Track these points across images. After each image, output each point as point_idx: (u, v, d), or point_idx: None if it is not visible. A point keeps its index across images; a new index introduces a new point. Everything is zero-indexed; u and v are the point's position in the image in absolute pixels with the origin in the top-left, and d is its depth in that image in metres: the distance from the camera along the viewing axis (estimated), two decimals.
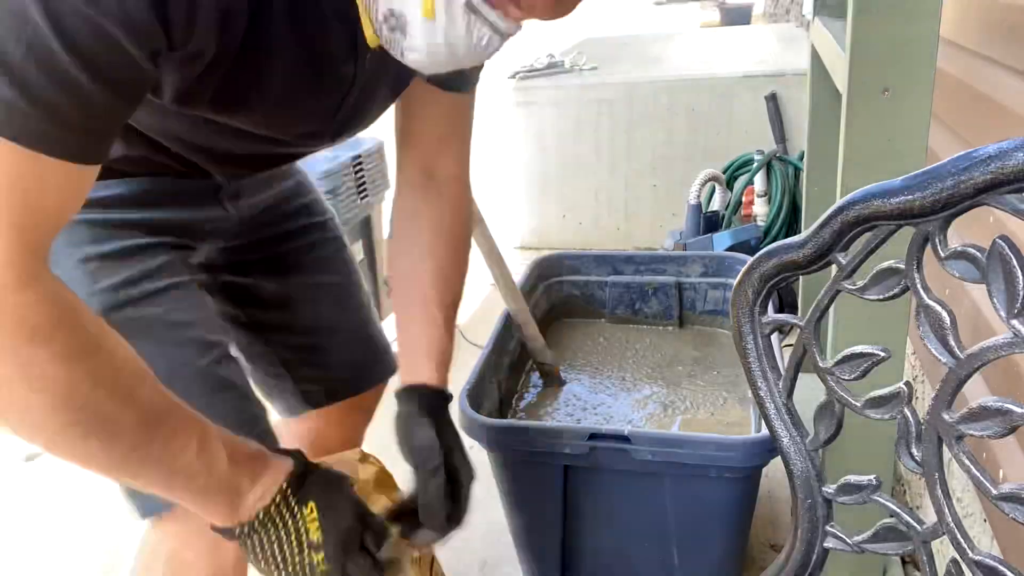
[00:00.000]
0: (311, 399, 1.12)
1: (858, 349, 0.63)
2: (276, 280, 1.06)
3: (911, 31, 0.99)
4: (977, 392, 1.25)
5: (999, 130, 1.22)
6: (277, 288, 1.07)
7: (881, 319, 1.15)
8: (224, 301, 1.04)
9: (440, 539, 0.88)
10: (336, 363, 1.12)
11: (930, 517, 0.63)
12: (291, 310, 1.08)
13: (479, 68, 0.88)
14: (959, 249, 0.53)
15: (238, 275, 1.04)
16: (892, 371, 1.17)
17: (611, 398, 1.46)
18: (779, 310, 1.66)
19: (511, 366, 1.52)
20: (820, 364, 0.65)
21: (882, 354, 0.61)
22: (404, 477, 0.91)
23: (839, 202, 0.59)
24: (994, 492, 0.56)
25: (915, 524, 0.66)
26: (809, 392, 0.70)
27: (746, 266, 0.67)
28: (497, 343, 1.43)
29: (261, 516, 0.75)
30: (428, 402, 0.91)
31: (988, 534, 1.17)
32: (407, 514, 0.87)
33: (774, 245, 0.65)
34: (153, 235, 0.88)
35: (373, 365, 1.15)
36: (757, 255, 0.66)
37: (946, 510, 0.61)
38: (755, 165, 2.58)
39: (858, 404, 0.64)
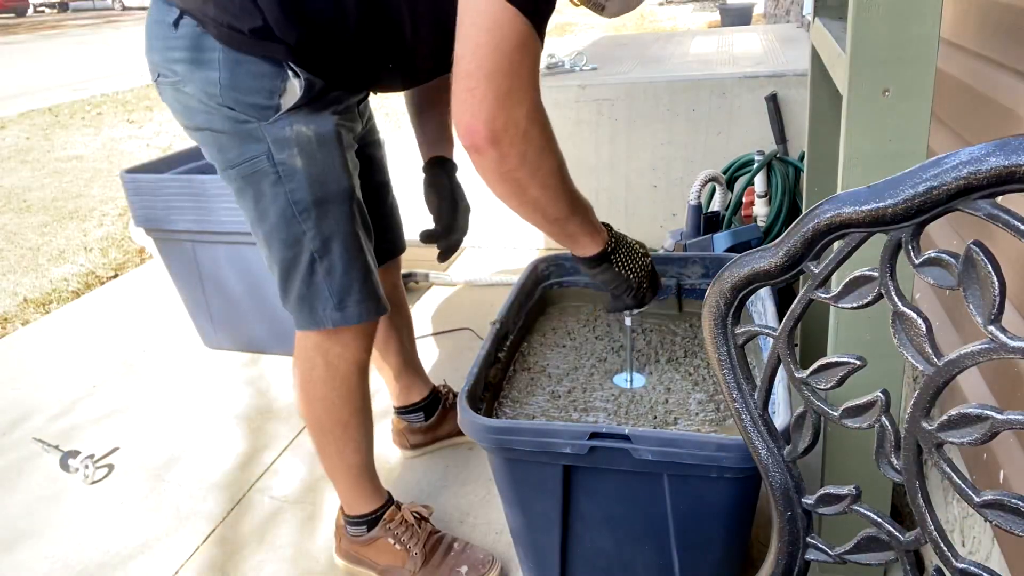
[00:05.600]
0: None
1: (833, 358, 0.62)
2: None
3: (911, 31, 0.99)
4: (978, 392, 1.25)
5: (999, 130, 1.22)
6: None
7: (880, 319, 1.15)
8: None
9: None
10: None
11: (940, 515, 0.62)
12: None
13: None
14: (932, 256, 0.52)
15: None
16: (893, 373, 1.17)
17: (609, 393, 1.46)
18: (780, 309, 1.65)
19: (502, 366, 1.53)
20: (795, 375, 0.65)
21: (857, 363, 0.61)
22: None
23: (809, 210, 0.58)
24: (976, 500, 0.55)
25: (897, 534, 0.65)
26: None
27: (716, 276, 0.66)
28: (492, 348, 1.44)
29: (612, 242, 1.29)
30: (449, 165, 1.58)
31: (989, 534, 1.17)
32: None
33: (745, 254, 0.64)
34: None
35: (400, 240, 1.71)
36: (727, 265, 0.65)
37: (928, 518, 0.61)
38: (755, 165, 2.58)
39: (835, 414, 0.63)
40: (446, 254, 1.56)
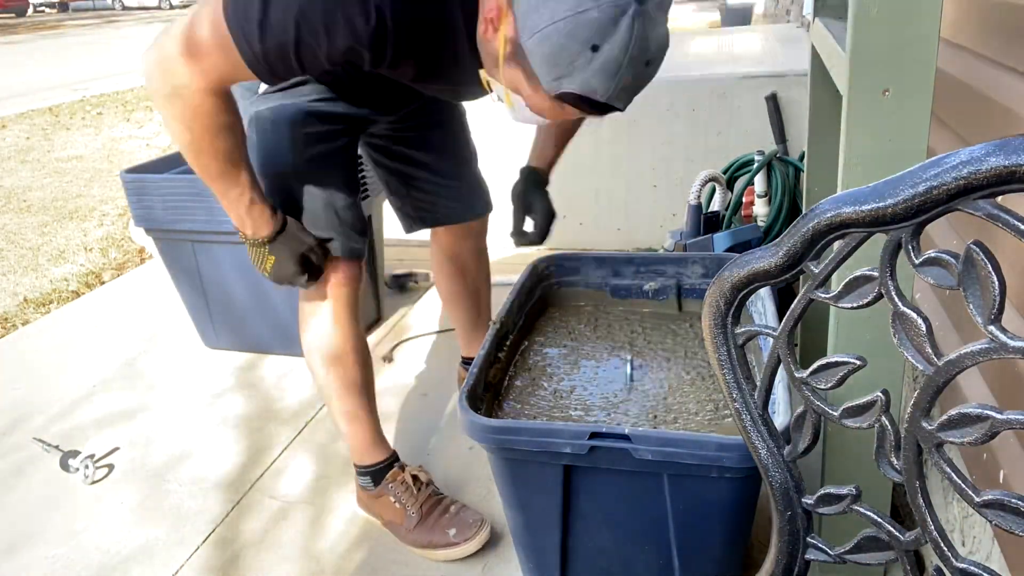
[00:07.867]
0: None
1: (833, 358, 0.62)
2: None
3: (911, 31, 0.99)
4: (976, 393, 1.25)
5: (999, 130, 1.22)
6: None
7: (880, 319, 1.15)
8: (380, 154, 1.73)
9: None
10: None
11: (940, 515, 0.63)
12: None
13: None
14: (932, 256, 0.52)
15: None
16: (893, 373, 1.17)
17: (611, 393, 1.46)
18: (779, 309, 1.65)
19: (502, 366, 1.53)
20: (795, 375, 0.65)
21: (857, 363, 0.61)
22: None
23: (809, 210, 0.58)
24: (976, 500, 0.55)
25: (897, 534, 0.65)
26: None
27: (717, 276, 0.66)
28: (491, 348, 1.45)
29: (252, 242, 1.41)
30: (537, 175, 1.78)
31: (989, 534, 1.17)
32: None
33: (745, 254, 0.64)
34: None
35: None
36: (727, 264, 0.65)
37: (928, 518, 0.61)
38: (755, 165, 2.58)
39: (835, 414, 0.63)
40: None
